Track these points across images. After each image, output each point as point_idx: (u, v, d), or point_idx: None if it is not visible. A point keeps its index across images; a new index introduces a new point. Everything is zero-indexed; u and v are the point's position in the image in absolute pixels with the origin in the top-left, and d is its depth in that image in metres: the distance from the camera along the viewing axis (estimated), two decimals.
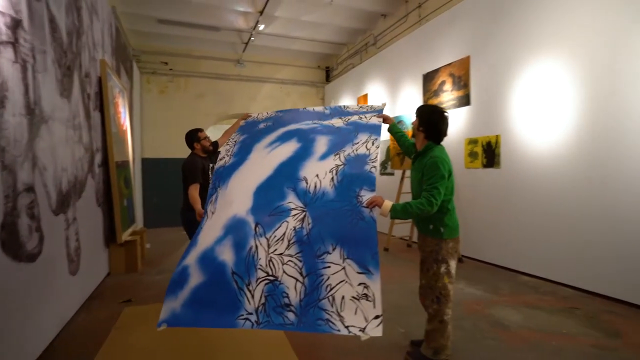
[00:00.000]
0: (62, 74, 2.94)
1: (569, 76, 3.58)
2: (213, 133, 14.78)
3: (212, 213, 2.46)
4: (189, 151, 3.51)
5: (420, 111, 2.30)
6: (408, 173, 5.43)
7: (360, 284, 1.90)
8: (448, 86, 5.11)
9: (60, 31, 2.93)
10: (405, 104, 6.17)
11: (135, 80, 7.17)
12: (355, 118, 2.74)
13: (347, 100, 8.27)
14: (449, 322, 2.18)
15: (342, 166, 2.29)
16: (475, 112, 4.69)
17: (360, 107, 2.91)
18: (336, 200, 2.14)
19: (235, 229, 2.23)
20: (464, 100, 4.83)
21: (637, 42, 3.03)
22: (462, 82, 4.85)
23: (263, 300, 2.01)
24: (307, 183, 2.29)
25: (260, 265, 2.09)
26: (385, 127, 2.69)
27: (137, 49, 7.66)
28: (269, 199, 2.30)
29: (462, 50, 4.91)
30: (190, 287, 2.13)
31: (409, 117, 6.00)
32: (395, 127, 2.68)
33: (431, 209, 2.03)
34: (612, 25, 3.22)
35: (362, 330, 1.81)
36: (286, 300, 1.99)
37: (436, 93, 5.35)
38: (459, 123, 4.91)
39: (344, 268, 1.96)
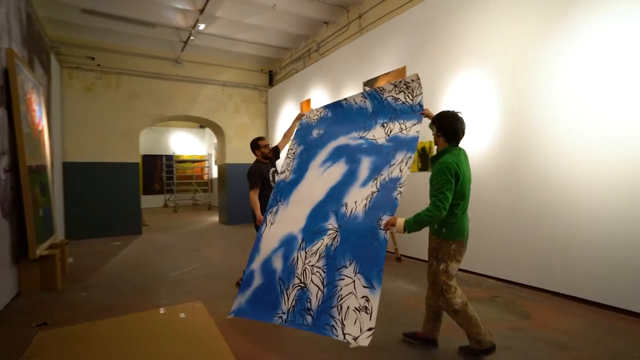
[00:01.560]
0: None
1: (491, 87, 3.94)
2: (148, 135, 13.74)
3: (271, 224, 2.95)
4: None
5: (435, 118, 2.39)
6: None
7: (363, 297, 2.16)
8: None
9: None
10: None
11: (55, 75, 6.44)
12: (396, 129, 2.81)
13: (289, 106, 8.27)
14: (465, 309, 2.24)
15: (376, 193, 2.54)
16: None
17: (395, 85, 2.89)
18: (362, 223, 2.41)
19: (287, 243, 2.73)
20: None
21: (546, 55, 3.44)
22: None
23: (294, 303, 2.45)
24: (346, 208, 2.61)
25: (297, 274, 2.52)
26: (426, 122, 2.65)
27: (57, 41, 6.90)
28: (316, 220, 2.70)
29: (398, 60, 5.16)
30: (253, 288, 2.72)
31: None
32: None
33: (440, 213, 2.12)
34: (526, 41, 3.62)
35: (355, 339, 2.07)
36: (308, 305, 2.38)
37: None
38: None
39: (354, 281, 2.24)
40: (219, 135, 9.30)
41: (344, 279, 2.28)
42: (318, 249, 2.51)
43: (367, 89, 3.08)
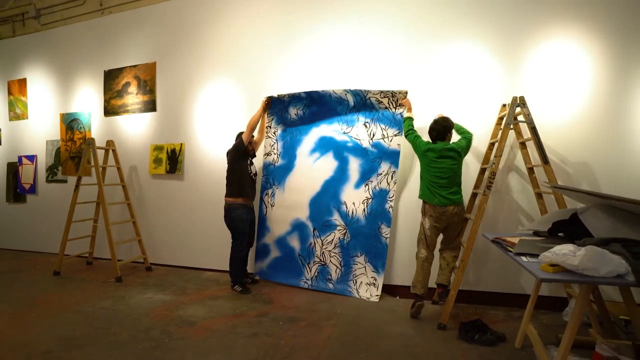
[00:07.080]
0: None
1: (239, 96, 4.27)
2: None
3: (272, 206, 3.86)
4: None
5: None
6: (85, 180, 4.69)
7: (372, 277, 3.42)
8: (133, 88, 4.86)
9: None
10: (82, 100, 5.29)
11: None
12: (379, 135, 3.47)
13: None
14: (418, 261, 3.01)
15: (370, 200, 3.48)
16: (161, 119, 4.72)
17: (382, 90, 3.40)
18: (365, 227, 3.49)
19: (299, 228, 3.75)
20: (150, 106, 4.76)
21: (284, 65, 4.09)
22: (148, 87, 4.77)
23: (316, 274, 3.65)
24: (346, 207, 3.57)
25: (316, 254, 3.67)
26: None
27: None
28: (321, 212, 3.66)
29: (148, 54, 4.81)
30: (272, 257, 3.88)
31: (86, 116, 5.21)
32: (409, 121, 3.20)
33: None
34: (265, 51, 4.17)
35: (368, 299, 3.37)
36: (329, 277, 3.60)
37: (120, 94, 4.95)
38: (144, 128, 4.80)
39: (364, 267, 3.47)
40: None
41: (357, 264, 3.48)
42: (332, 239, 3.59)
43: (350, 88, 3.53)
